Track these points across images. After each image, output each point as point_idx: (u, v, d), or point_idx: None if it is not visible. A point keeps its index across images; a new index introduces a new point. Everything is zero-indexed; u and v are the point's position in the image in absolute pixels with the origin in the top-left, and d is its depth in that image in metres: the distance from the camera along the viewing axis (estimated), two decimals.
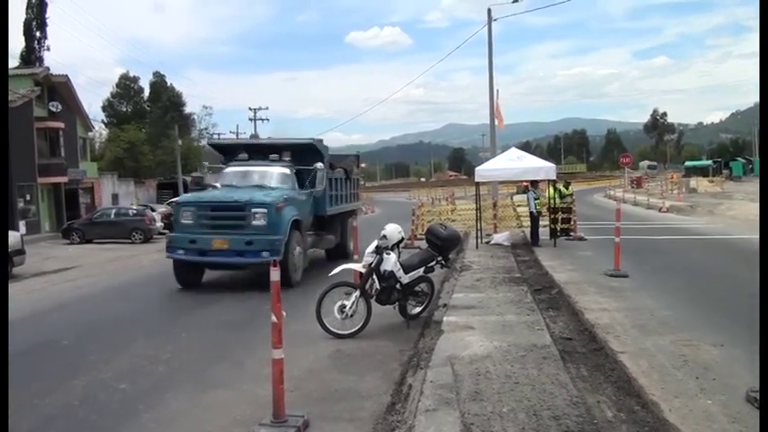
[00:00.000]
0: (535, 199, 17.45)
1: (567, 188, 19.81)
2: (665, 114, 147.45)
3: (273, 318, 4.69)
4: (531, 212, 17.56)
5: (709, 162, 77.37)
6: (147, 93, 70.88)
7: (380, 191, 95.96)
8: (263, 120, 58.38)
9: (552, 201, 17.78)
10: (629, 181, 56.11)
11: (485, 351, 6.50)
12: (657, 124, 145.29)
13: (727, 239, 17.44)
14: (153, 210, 30.67)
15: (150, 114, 68.75)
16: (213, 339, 8.09)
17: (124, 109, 69.10)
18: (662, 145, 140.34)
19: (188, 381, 6.27)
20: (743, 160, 77.51)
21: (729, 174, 66.49)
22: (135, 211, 28.58)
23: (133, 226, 26.81)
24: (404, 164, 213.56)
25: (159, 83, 70.26)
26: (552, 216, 17.72)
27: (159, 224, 28.86)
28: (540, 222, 17.74)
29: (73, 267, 17.61)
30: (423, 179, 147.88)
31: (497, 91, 24.58)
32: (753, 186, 42.45)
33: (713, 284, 10.62)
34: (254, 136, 57.05)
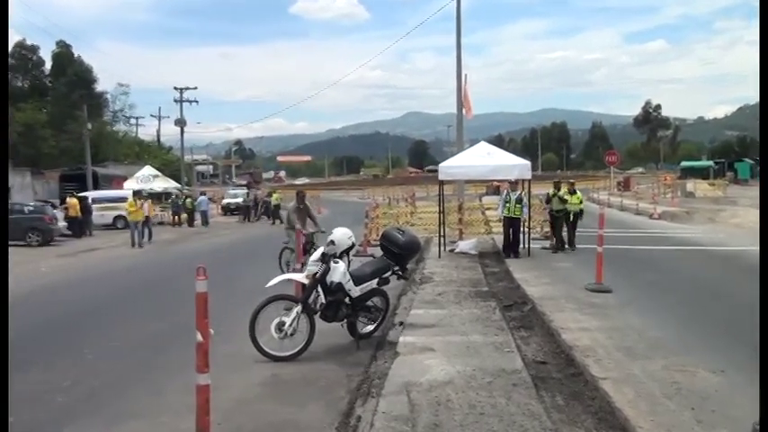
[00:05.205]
0: (517, 202, 16.93)
1: (572, 195, 18.72)
2: (659, 107, 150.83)
3: (199, 337, 4.64)
4: (507, 218, 17.11)
5: (710, 163, 78.87)
6: (48, 66, 69.37)
7: (329, 188, 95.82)
8: (190, 102, 57.62)
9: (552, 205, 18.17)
10: (616, 183, 57.24)
11: (446, 377, 6.56)
12: (650, 118, 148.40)
13: (730, 251, 17.90)
14: (54, 206, 29.99)
15: (53, 92, 67.26)
16: (127, 362, 7.96)
17: (20, 84, 67.42)
18: (654, 142, 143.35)
19: (93, 412, 6.15)
20: (750, 161, 78.35)
21: (734, 176, 67.68)
22: (31, 208, 27.86)
23: (29, 225, 26.07)
24: (357, 157, 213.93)
25: (64, 54, 68.80)
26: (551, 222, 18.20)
27: (62, 224, 28.21)
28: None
29: None
30: (378, 175, 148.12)
31: (466, 75, 24.84)
32: None
33: (712, 302, 10.88)
34: (180, 121, 56.34)
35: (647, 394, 6.14)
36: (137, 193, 28.03)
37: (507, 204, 17.08)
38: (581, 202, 18.77)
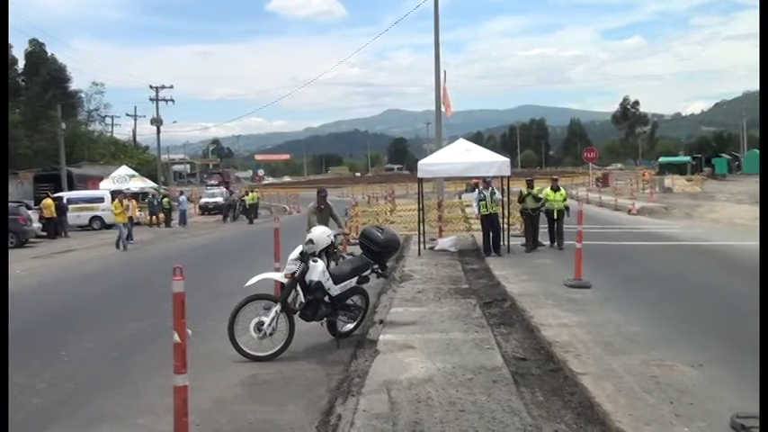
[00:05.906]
0: (483, 199, 16.84)
1: (555, 191, 18.20)
2: (636, 103, 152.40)
3: (176, 337, 4.62)
4: (486, 215, 16.91)
5: (688, 158, 79.87)
6: (21, 65, 68.62)
7: (308, 187, 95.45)
8: (167, 101, 57.04)
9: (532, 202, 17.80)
10: (595, 179, 57.62)
11: (426, 374, 6.58)
12: (628, 114, 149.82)
13: (708, 246, 18.03)
14: (29, 207, 29.69)
15: (26, 91, 66.57)
16: (103, 363, 7.89)
17: None
18: (633, 138, 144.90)
19: (69, 415, 6.10)
20: (728, 156, 79.93)
21: (712, 171, 68.54)
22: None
23: None
24: (336, 155, 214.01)
25: (37, 53, 68.15)
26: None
27: (37, 225, 27.95)
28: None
29: None
30: (358, 174, 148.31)
31: (444, 73, 24.87)
32: (739, 186, 43.88)
33: (690, 297, 10.96)
34: (156, 120, 55.90)
35: (625, 389, 6.18)
36: (119, 193, 27.63)
37: (483, 202, 16.89)
38: (565, 199, 18.35)
